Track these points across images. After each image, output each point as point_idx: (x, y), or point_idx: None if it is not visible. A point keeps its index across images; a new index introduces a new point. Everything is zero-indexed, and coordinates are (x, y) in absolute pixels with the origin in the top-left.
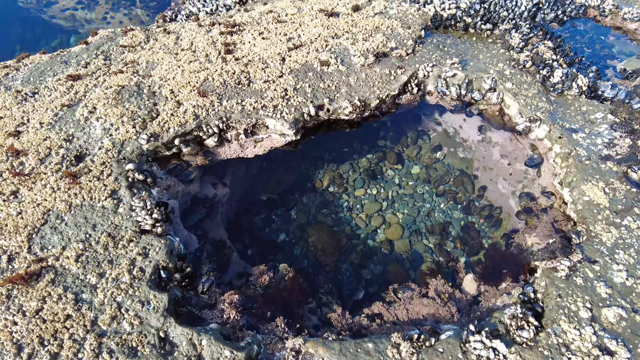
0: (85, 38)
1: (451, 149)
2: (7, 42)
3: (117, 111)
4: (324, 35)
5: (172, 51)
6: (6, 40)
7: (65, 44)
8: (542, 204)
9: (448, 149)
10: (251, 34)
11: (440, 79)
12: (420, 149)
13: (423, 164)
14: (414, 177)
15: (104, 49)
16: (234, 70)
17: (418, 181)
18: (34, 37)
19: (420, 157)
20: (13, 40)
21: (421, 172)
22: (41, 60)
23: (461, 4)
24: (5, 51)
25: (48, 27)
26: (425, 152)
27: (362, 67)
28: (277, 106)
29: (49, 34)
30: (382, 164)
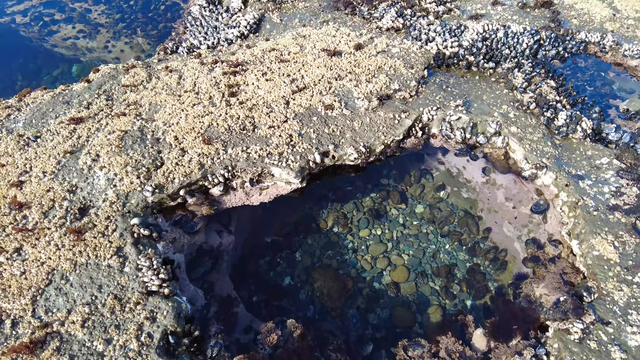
0: (87, 66)
1: (455, 189)
2: (8, 71)
3: (120, 160)
4: (327, 76)
5: (175, 92)
6: (8, 70)
7: (67, 74)
8: (549, 253)
9: (451, 189)
10: (254, 75)
11: (444, 122)
12: (423, 188)
13: (427, 203)
14: (418, 216)
15: (106, 88)
16: (239, 115)
17: (422, 221)
18: (35, 66)
19: (423, 196)
20: (14, 70)
21: (425, 212)
22: (43, 100)
23: (463, 42)
24: (7, 81)
25: (49, 56)
26: (428, 191)
27: (367, 111)
28: (282, 153)
29: (50, 64)
30: (386, 203)
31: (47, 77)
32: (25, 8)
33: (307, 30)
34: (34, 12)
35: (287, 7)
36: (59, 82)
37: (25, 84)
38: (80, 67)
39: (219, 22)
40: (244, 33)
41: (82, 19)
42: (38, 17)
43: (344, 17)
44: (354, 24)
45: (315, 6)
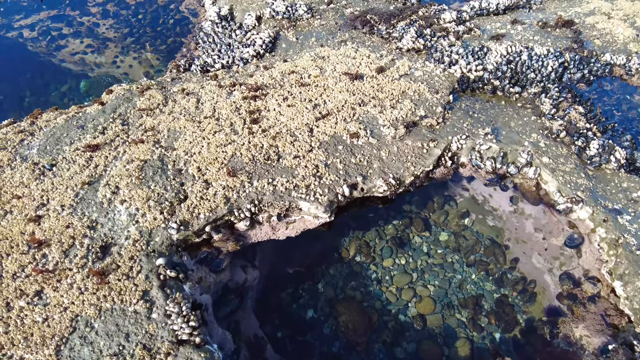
0: (95, 81)
1: (479, 216)
2: (16, 87)
3: (142, 193)
4: (350, 102)
5: (195, 118)
6: (16, 85)
7: (75, 89)
8: (587, 291)
9: (476, 216)
10: (275, 99)
11: (474, 152)
12: (447, 215)
13: (451, 231)
14: (443, 244)
15: (121, 112)
16: (262, 144)
17: (447, 249)
18: (43, 82)
19: (447, 223)
20: (22, 86)
21: (450, 240)
22: (56, 124)
23: (488, 66)
24: (15, 97)
25: (57, 71)
26: (452, 218)
27: (393, 140)
28: (309, 186)
29: (58, 79)
30: (409, 231)
31: (55, 92)
32: (32, 22)
33: (326, 50)
34: (42, 26)
35: (302, 25)
36: (67, 98)
37: (34, 100)
38: (89, 82)
39: (233, 39)
40: (260, 52)
41: (90, 33)
42: (46, 31)
43: (362, 37)
44: (373, 44)
45: (331, 24)
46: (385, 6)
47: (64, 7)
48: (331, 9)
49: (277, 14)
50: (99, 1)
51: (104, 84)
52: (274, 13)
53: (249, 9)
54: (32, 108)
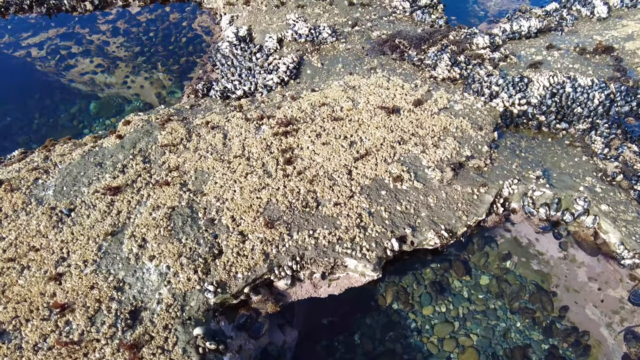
0: (105, 102)
1: (522, 259)
2: (24, 109)
3: (172, 248)
4: (389, 139)
5: (223, 157)
6: (24, 107)
7: (85, 111)
8: None
9: (519, 259)
10: (308, 136)
11: (526, 197)
12: (487, 257)
13: (492, 274)
14: (484, 289)
15: (141, 147)
16: (299, 188)
17: (489, 295)
18: (52, 103)
19: (488, 265)
20: (31, 107)
21: (491, 284)
22: (72, 160)
23: (531, 99)
24: (24, 120)
25: (66, 92)
26: (493, 261)
27: (441, 184)
28: (354, 239)
29: (67, 100)
30: (448, 275)
31: (65, 114)
32: (41, 40)
33: (355, 79)
34: (50, 44)
35: (326, 49)
36: (77, 120)
37: (43, 122)
38: (99, 104)
39: (253, 63)
40: (284, 79)
41: (100, 52)
42: (55, 50)
43: (392, 64)
44: (405, 71)
45: (357, 49)
46: (413, 29)
47: (73, 25)
48: (356, 32)
49: (300, 36)
50: (109, 18)
51: (115, 105)
52: (296, 36)
53: (268, 30)
54: (41, 130)
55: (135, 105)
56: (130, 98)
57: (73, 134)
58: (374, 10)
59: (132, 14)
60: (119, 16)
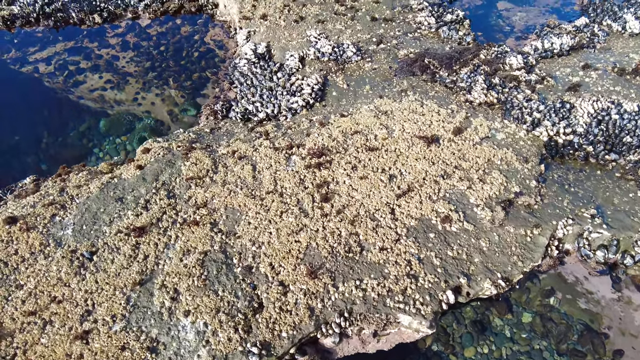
0: (115, 120)
1: (567, 296)
2: (32, 127)
3: (208, 302)
4: (431, 173)
5: (254, 193)
6: (32, 125)
7: (94, 129)
8: None
9: (563, 295)
10: (343, 169)
11: (582, 239)
12: (529, 293)
13: (534, 311)
14: (527, 327)
15: (165, 180)
16: (340, 231)
17: (533, 334)
18: (60, 120)
19: (529, 302)
20: (39, 125)
21: (535, 322)
22: (90, 194)
23: (577, 128)
24: (32, 139)
25: (75, 109)
26: (535, 297)
27: (492, 225)
28: (405, 290)
29: (76, 117)
30: (489, 313)
31: (74, 132)
32: (48, 55)
33: (386, 103)
34: (58, 59)
35: (351, 69)
36: (87, 139)
37: (51, 141)
38: (109, 121)
39: (274, 83)
40: (309, 101)
41: (110, 67)
42: (63, 65)
43: (423, 86)
44: (438, 94)
45: (384, 69)
46: (441, 47)
47: (81, 39)
48: (382, 50)
49: (323, 55)
50: (118, 31)
51: (125, 122)
52: (319, 54)
53: (288, 47)
54: (49, 149)
55: (147, 123)
56: (141, 115)
57: (83, 153)
58: (397, 26)
59: (141, 27)
60: (128, 29)
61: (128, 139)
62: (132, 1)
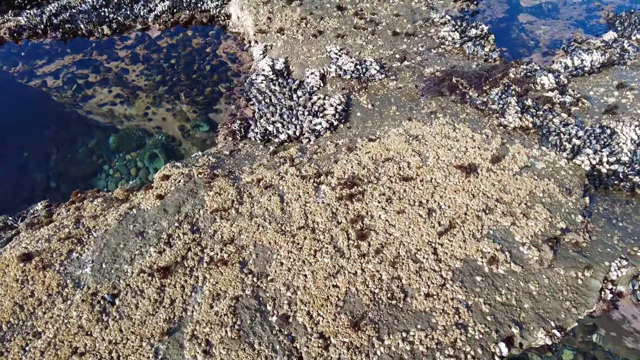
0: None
1: (611, 333)
2: (41, 142)
3: (244, 357)
4: (472, 207)
5: (284, 228)
6: (41, 141)
7: (104, 145)
8: None
9: (606, 332)
10: (377, 201)
11: (637, 282)
12: None
13: (576, 349)
14: None
15: (187, 212)
16: (380, 274)
17: None
18: (69, 136)
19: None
20: (48, 141)
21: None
22: (108, 227)
23: (622, 156)
24: (41, 155)
25: (84, 124)
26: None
27: (541, 267)
28: (455, 342)
29: (85, 132)
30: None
31: (83, 148)
32: (57, 69)
33: (416, 126)
34: (67, 73)
35: (375, 87)
36: (96, 155)
37: (60, 157)
38: (119, 137)
39: (295, 102)
40: (333, 123)
41: (119, 80)
42: (71, 79)
43: (453, 107)
44: (469, 117)
45: (410, 88)
46: (467, 64)
47: (90, 51)
48: (406, 67)
49: (345, 72)
50: (127, 43)
51: (135, 138)
52: (341, 72)
53: (307, 63)
54: (58, 166)
55: (158, 139)
56: (151, 131)
57: (92, 170)
58: (420, 40)
59: (151, 38)
60: (138, 41)
61: (138, 155)
62: (142, 12)
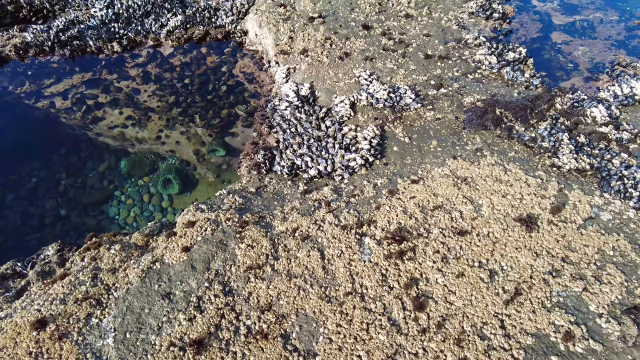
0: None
1: None
2: (50, 166)
3: None
4: (537, 268)
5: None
6: (49, 165)
7: (115, 169)
8: None
9: None
10: (431, 260)
11: None
12: None
13: None
14: None
15: (218, 269)
16: (445, 355)
17: None
18: (78, 160)
19: None
20: (57, 164)
21: None
22: (130, 286)
23: None
24: (50, 181)
25: (94, 147)
26: None
27: (624, 345)
28: None
29: (95, 155)
30: None
31: (94, 173)
32: (65, 88)
33: (463, 166)
34: (75, 93)
35: (411, 117)
36: (107, 180)
37: (70, 183)
38: (130, 161)
39: (323, 132)
40: (368, 159)
41: (130, 101)
42: (80, 100)
43: (499, 143)
44: (517, 155)
45: (449, 119)
46: (508, 92)
47: (100, 70)
48: (444, 96)
49: (377, 101)
50: (138, 61)
51: (147, 162)
52: (372, 100)
53: (334, 89)
54: (68, 192)
55: (171, 164)
56: (164, 155)
57: (103, 196)
58: (454, 64)
59: (164, 55)
60: (149, 59)
61: (151, 180)
62: (153, 27)
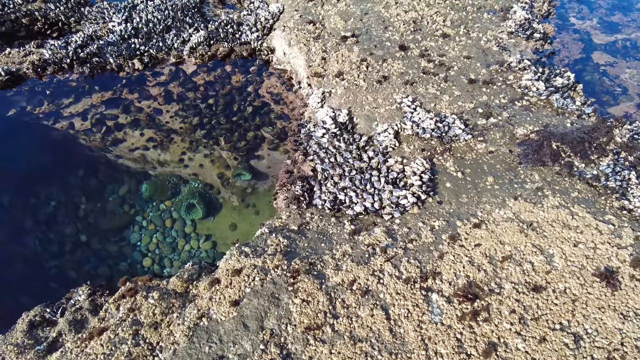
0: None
1: None
2: (69, 190)
3: None
4: (627, 334)
5: (398, 359)
6: (68, 189)
7: (135, 193)
8: None
9: None
10: (508, 322)
11: None
12: None
13: None
14: None
15: (272, 328)
16: None
17: None
18: (98, 183)
19: None
20: (76, 188)
21: None
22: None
23: None
24: (69, 205)
25: (113, 169)
26: None
27: None
28: None
29: (115, 178)
30: None
31: (114, 197)
32: (84, 109)
33: (525, 208)
34: (95, 113)
35: (461, 149)
36: (128, 205)
37: (90, 207)
38: (152, 185)
39: (366, 164)
40: (420, 196)
41: (152, 122)
42: (100, 120)
43: (560, 182)
44: (581, 196)
45: (503, 152)
46: (560, 121)
47: (120, 88)
48: (494, 126)
49: (424, 130)
50: (160, 80)
51: (170, 186)
52: (418, 129)
53: (374, 115)
54: (89, 217)
55: (194, 187)
56: (187, 178)
57: (125, 221)
58: (500, 90)
59: (187, 74)
60: (172, 77)
61: (173, 204)
62: (175, 43)
